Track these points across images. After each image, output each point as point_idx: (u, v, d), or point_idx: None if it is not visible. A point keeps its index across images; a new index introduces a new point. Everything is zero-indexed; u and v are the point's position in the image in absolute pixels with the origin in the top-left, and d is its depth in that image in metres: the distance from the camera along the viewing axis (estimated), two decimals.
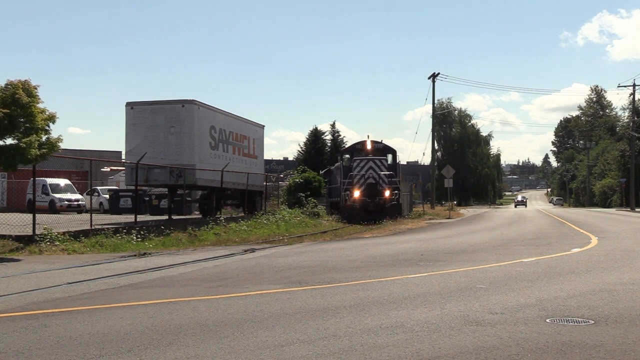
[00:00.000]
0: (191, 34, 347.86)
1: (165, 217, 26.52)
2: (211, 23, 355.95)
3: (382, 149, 35.43)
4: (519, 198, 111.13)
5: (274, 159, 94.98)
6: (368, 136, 36.63)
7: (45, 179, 34.60)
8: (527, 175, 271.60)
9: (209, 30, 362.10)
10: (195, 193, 31.93)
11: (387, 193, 32.45)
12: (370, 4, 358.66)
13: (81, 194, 36.87)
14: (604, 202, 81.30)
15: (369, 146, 35.19)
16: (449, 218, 40.16)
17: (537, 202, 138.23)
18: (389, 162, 34.89)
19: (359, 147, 35.74)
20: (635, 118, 68.82)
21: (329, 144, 72.10)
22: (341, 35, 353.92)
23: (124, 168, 30.10)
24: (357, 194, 32.34)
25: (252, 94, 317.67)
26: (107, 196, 36.09)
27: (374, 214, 31.77)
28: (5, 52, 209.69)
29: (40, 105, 15.34)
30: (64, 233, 17.25)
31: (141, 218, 23.93)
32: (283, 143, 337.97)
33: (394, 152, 36.16)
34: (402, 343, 5.71)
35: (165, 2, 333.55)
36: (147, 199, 32.64)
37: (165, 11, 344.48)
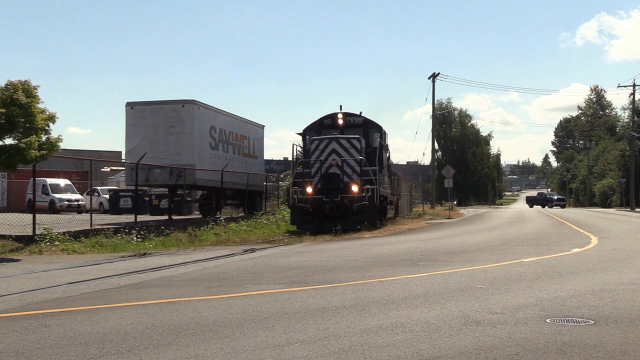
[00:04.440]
0: (191, 34, 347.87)
1: (165, 217, 26.55)
2: (211, 23, 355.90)
3: (360, 125, 25.64)
4: (537, 195, 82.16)
5: (274, 159, 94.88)
6: (340, 107, 26.16)
7: (45, 179, 34.64)
8: (527, 175, 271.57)
9: (208, 30, 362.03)
10: (195, 193, 31.97)
11: (354, 188, 22.78)
12: (371, 4, 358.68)
13: (81, 194, 36.93)
14: (604, 202, 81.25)
15: (340, 121, 25.47)
16: (449, 218, 40.13)
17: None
18: (372, 143, 25.45)
19: (327, 123, 25.81)
20: (635, 118, 68.82)
21: None
22: (341, 35, 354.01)
23: (124, 168, 30.15)
24: (309, 189, 22.90)
25: (252, 94, 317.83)
26: (107, 196, 36.15)
27: (333, 220, 22.25)
28: (5, 52, 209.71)
29: (40, 106, 15.35)
30: (64, 233, 17.26)
31: (141, 218, 23.96)
32: (283, 143, 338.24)
33: (378, 129, 26.13)
34: (402, 343, 5.71)
35: (165, 2, 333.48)
36: (147, 199, 32.69)
37: (165, 11, 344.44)
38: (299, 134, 26.19)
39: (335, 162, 23.15)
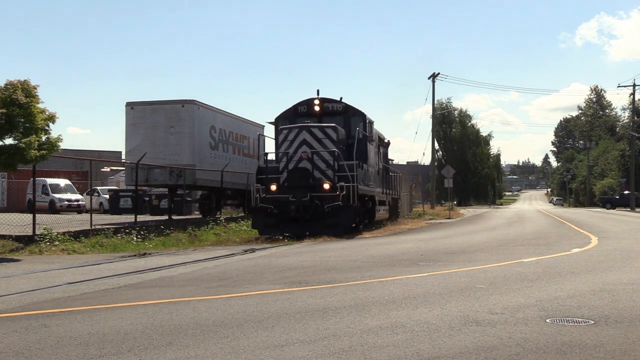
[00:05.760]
0: (191, 34, 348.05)
1: (165, 217, 26.55)
2: (210, 22, 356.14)
3: (340, 113, 22.44)
4: (619, 197, 63.73)
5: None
6: (318, 92, 22.82)
7: (45, 179, 34.66)
8: (527, 175, 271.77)
9: (208, 29, 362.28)
10: (195, 193, 31.99)
11: (326, 186, 19.74)
12: (371, 4, 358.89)
13: (81, 194, 36.93)
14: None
15: (316, 107, 22.27)
16: (449, 218, 40.13)
17: (537, 202, 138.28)
18: (354, 134, 21.56)
19: (302, 110, 22.54)
20: (635, 118, 68.82)
21: None
22: (341, 35, 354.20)
23: (124, 168, 30.16)
24: (274, 187, 20.11)
25: (252, 94, 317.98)
26: (107, 196, 36.17)
27: (301, 223, 19.64)
28: (5, 52, 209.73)
29: (40, 105, 15.35)
30: (64, 233, 17.26)
31: (141, 218, 23.96)
32: None
33: (362, 118, 22.74)
34: (402, 343, 5.71)
35: (165, 2, 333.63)
36: (147, 199, 32.71)
37: (165, 11, 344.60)
38: (271, 122, 23.56)
39: (306, 154, 20.03)
